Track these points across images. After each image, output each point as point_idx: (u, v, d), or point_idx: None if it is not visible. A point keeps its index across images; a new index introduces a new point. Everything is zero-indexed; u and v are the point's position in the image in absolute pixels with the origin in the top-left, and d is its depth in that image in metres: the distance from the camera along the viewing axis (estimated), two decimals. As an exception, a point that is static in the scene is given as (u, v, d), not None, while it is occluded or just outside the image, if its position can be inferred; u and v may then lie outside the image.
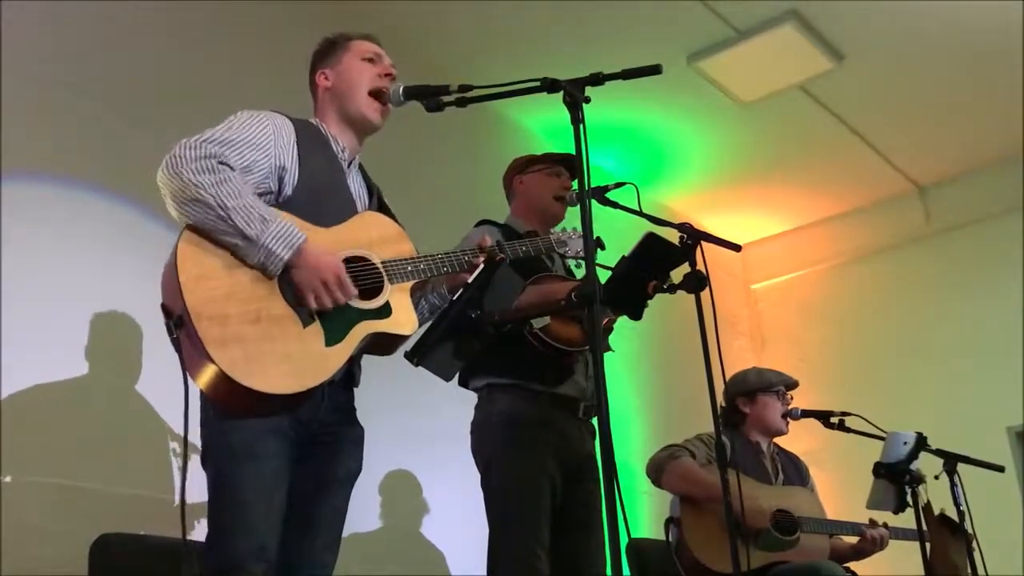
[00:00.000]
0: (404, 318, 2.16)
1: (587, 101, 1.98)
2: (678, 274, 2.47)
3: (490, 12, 4.86)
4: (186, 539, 2.08)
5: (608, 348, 2.74)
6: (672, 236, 2.50)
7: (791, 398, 3.84)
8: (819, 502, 3.72)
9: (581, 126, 1.96)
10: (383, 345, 2.16)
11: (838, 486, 4.92)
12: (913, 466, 3.35)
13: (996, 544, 3.65)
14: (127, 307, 3.45)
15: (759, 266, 7.18)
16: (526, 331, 2.82)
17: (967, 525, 3.44)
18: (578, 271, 3.14)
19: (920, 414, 4.65)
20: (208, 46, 4.12)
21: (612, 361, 2.24)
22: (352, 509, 2.25)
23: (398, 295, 2.16)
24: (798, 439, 4.03)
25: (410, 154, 4.40)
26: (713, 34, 5.09)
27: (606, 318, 2.79)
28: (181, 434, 1.95)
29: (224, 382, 1.89)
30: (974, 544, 3.44)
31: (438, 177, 4.87)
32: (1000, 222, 6.16)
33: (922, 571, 3.29)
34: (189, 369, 1.94)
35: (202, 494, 2.04)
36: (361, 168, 2.44)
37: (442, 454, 4.04)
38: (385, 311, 2.13)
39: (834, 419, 3.60)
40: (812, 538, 3.51)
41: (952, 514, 3.46)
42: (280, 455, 2.05)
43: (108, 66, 3.74)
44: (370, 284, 2.13)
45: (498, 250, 2.29)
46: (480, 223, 3.10)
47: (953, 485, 3.50)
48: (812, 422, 3.70)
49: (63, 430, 3.23)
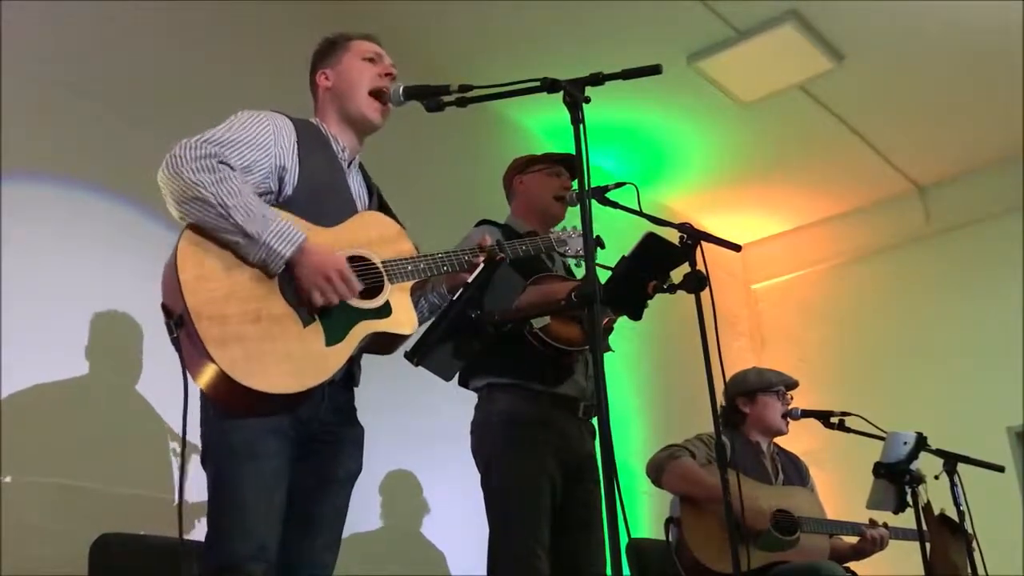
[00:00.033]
0: (404, 317, 2.16)
1: (587, 101, 1.98)
2: (678, 274, 2.47)
3: (490, 12, 4.86)
4: (183, 539, 2.08)
5: (608, 348, 2.74)
6: (672, 236, 2.50)
7: (791, 398, 3.84)
8: (819, 502, 3.72)
9: (581, 126, 1.96)
10: (383, 344, 2.16)
11: (838, 486, 4.92)
12: (913, 466, 3.35)
13: (996, 544, 3.65)
14: (127, 307, 3.46)
15: (759, 266, 7.18)
16: (526, 331, 2.82)
17: (967, 525, 3.44)
18: (578, 271, 3.14)
19: (920, 414, 4.64)
20: (208, 46, 4.12)
21: (612, 361, 2.24)
22: (352, 509, 2.25)
23: (398, 294, 2.16)
24: (798, 439, 4.03)
25: (410, 154, 4.40)
26: (713, 34, 5.09)
27: (606, 318, 2.79)
28: (181, 434, 1.95)
29: (224, 381, 1.89)
30: (974, 544, 3.44)
31: (438, 177, 4.87)
32: (1000, 222, 6.15)
33: (922, 571, 3.28)
34: (189, 368, 1.94)
35: (202, 494, 2.04)
36: (361, 168, 2.43)
37: (442, 454, 4.04)
38: (385, 310, 2.13)
39: (834, 419, 3.60)
40: (812, 538, 3.51)
41: (952, 514, 3.46)
42: (280, 454, 2.05)
43: (108, 66, 3.74)
44: (370, 283, 2.13)
45: (498, 250, 2.29)
46: (480, 223, 3.09)
47: (953, 485, 3.50)
48: (812, 422, 3.70)
49: (63, 430, 3.23)
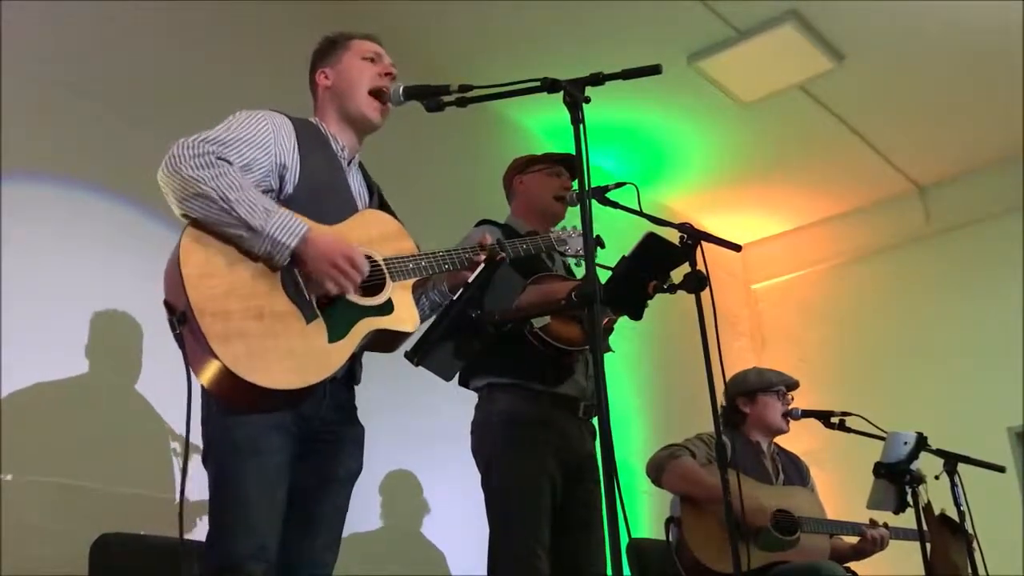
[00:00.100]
0: (406, 315, 2.16)
1: (587, 101, 1.98)
2: (678, 274, 2.47)
3: (490, 12, 4.86)
4: (183, 539, 2.08)
5: (608, 348, 2.74)
6: (672, 236, 2.50)
7: (791, 398, 3.84)
8: (819, 502, 3.71)
9: (581, 126, 1.96)
10: (385, 342, 2.16)
11: (838, 486, 4.92)
12: (913, 466, 3.35)
13: (996, 544, 3.66)
14: (127, 307, 3.46)
15: (759, 266, 7.18)
16: (526, 331, 2.82)
17: (967, 525, 3.44)
18: (578, 270, 3.14)
19: (920, 414, 4.65)
20: (208, 46, 4.12)
21: (612, 361, 2.24)
22: (352, 509, 2.25)
23: (400, 292, 2.17)
24: (798, 439, 4.03)
25: (410, 154, 4.40)
26: (713, 34, 5.09)
27: (606, 318, 2.78)
28: (181, 433, 1.95)
29: (227, 378, 1.89)
30: (974, 544, 3.44)
31: (438, 177, 4.87)
32: (1000, 222, 6.15)
33: (922, 571, 3.28)
34: (192, 365, 1.94)
35: (202, 493, 2.04)
36: (361, 167, 2.43)
37: (442, 454, 4.04)
38: (387, 308, 2.13)
39: (834, 419, 3.60)
40: (812, 538, 3.51)
41: (952, 514, 3.46)
42: (283, 451, 2.05)
43: (108, 66, 3.74)
44: (372, 281, 2.13)
45: (499, 249, 2.29)
46: (480, 223, 3.09)
47: (953, 485, 3.50)
48: (812, 422, 3.70)
49: (63, 429, 3.23)
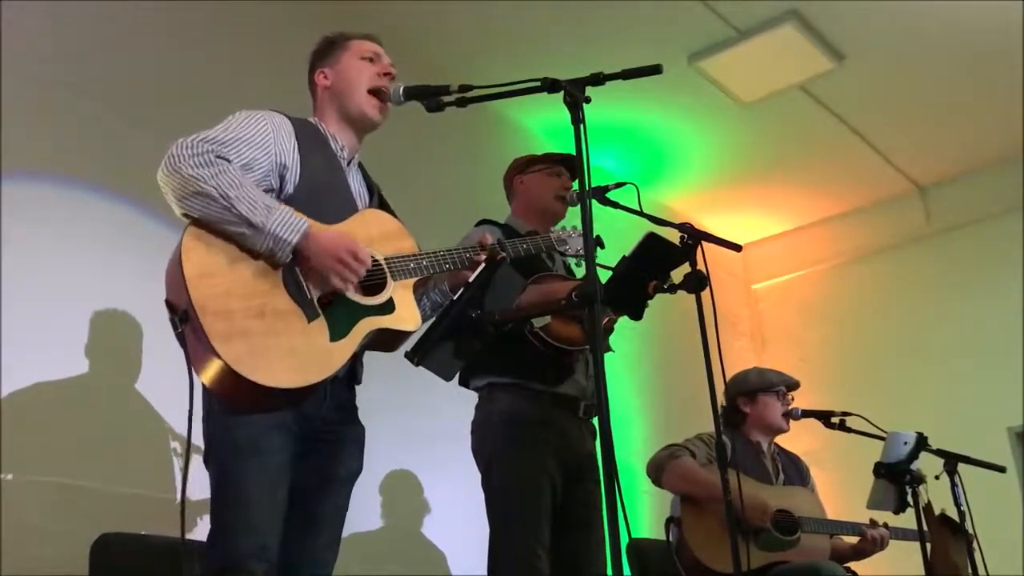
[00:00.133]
0: (407, 314, 2.17)
1: (587, 101, 1.98)
2: (678, 274, 2.47)
3: (490, 12, 4.86)
4: (184, 539, 2.08)
5: (608, 348, 2.74)
6: (672, 236, 2.50)
7: (792, 398, 3.84)
8: (819, 502, 3.71)
9: (581, 126, 1.96)
10: (386, 341, 2.16)
11: (838, 486, 4.92)
12: (913, 466, 3.35)
13: (996, 544, 3.65)
14: (127, 307, 3.46)
15: (759, 266, 7.18)
16: (527, 330, 2.82)
17: (967, 525, 3.44)
18: (578, 270, 3.14)
19: (920, 414, 4.64)
20: (208, 46, 4.12)
21: (612, 361, 2.24)
22: (352, 509, 2.25)
23: (401, 292, 2.17)
24: (798, 439, 4.03)
25: (410, 154, 4.40)
26: (713, 34, 5.09)
27: (606, 318, 2.78)
28: (181, 433, 1.95)
29: (229, 376, 1.89)
30: (974, 544, 3.44)
31: (438, 177, 4.87)
32: (1000, 222, 6.15)
33: (922, 571, 3.28)
34: (194, 364, 1.93)
35: (203, 492, 2.04)
36: (361, 167, 2.43)
37: (443, 454, 4.04)
38: (389, 307, 2.13)
39: (835, 419, 3.60)
40: (812, 538, 3.51)
41: (952, 514, 3.46)
42: (284, 450, 2.05)
43: (108, 66, 3.74)
44: (373, 280, 2.13)
45: (499, 248, 2.29)
46: (480, 223, 3.09)
47: (953, 485, 3.50)
48: (812, 422, 3.70)
49: (63, 429, 3.23)
